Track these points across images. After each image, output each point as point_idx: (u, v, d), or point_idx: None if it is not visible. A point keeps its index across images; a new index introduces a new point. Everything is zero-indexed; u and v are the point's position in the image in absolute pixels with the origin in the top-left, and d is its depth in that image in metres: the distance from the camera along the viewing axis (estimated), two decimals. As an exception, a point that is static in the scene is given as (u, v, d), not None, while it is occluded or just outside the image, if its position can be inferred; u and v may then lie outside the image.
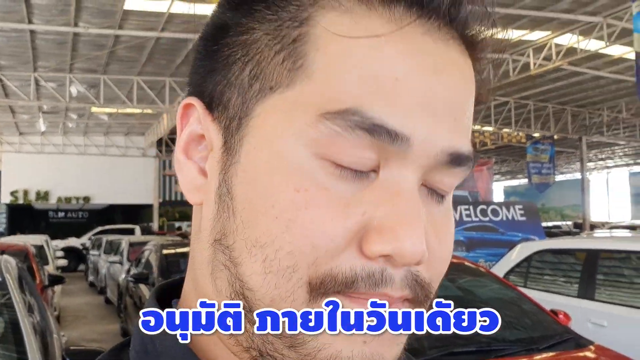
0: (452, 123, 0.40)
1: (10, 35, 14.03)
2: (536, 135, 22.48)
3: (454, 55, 0.41)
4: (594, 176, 38.24)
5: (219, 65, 0.42)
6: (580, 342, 3.40)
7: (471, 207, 7.38)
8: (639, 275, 4.98)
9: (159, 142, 29.60)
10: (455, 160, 0.40)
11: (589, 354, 3.26)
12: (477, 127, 22.93)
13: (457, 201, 7.74)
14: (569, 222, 26.67)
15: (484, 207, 7.44)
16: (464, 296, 3.64)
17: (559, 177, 35.37)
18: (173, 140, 29.76)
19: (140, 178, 30.49)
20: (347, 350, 0.38)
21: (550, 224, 27.21)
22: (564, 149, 29.19)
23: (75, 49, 15.18)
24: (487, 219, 7.31)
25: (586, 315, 4.84)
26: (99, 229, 24.64)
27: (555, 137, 23.15)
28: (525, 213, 7.51)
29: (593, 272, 5.02)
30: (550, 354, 3.15)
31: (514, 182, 41.71)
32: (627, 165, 35.15)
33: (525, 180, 26.46)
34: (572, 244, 5.74)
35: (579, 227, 21.92)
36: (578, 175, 23.91)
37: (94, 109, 21.50)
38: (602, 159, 34.17)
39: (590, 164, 34.95)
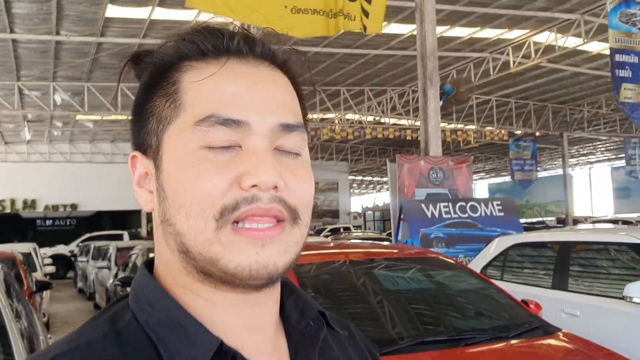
0: (275, 109, 0.66)
1: (-7, 44, 14.06)
2: (518, 132, 22.78)
3: (265, 72, 0.68)
4: (577, 172, 38.69)
5: (141, 124, 0.71)
6: (549, 330, 3.56)
7: (450, 204, 7.55)
8: (609, 265, 5.17)
9: (145, 148, 29.59)
10: (287, 127, 0.66)
11: (556, 340, 3.42)
12: (460, 125, 23.22)
13: (437, 199, 7.91)
14: (552, 218, 26.98)
15: (463, 204, 7.62)
16: (438, 288, 3.80)
17: (542, 174, 35.76)
18: (159, 146, 29.78)
19: (128, 184, 29.82)
20: (245, 262, 0.61)
21: (534, 220, 27.56)
22: (546, 145, 29.56)
23: (58, 57, 15.22)
24: (466, 215, 7.48)
25: (560, 306, 5.01)
26: (87, 235, 24.58)
27: (537, 133, 23.47)
28: (503, 209, 7.69)
29: (566, 263, 5.20)
30: (519, 340, 3.31)
31: (499, 180, 42.16)
32: (609, 160, 35.63)
33: (509, 178, 26.76)
34: (546, 237, 5.92)
35: (562, 223, 22.24)
36: (561, 171, 24.22)
37: (79, 117, 21.50)
38: (584, 155, 34.61)
39: (573, 160, 35.38)
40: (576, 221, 22.14)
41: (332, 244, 4.63)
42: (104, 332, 0.63)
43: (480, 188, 43.58)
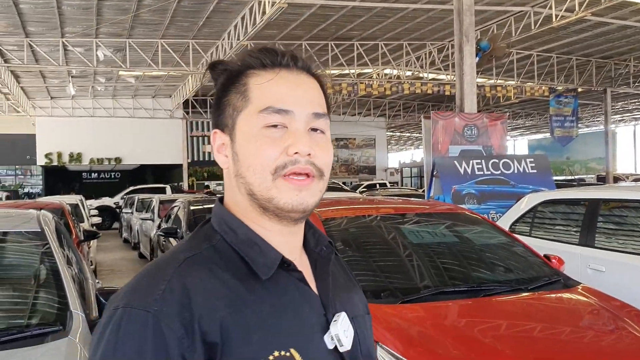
0: (309, 103, 1.00)
1: (37, 2, 14.42)
2: (559, 88, 22.28)
3: (304, 79, 1.03)
4: (621, 129, 37.65)
5: (220, 111, 1.03)
6: (568, 283, 3.71)
7: (483, 161, 7.64)
8: (636, 223, 5.24)
9: (186, 104, 30.11)
10: (317, 115, 1.00)
11: (574, 293, 3.57)
12: (500, 81, 22.82)
13: (470, 155, 7.99)
14: (593, 175, 26.53)
15: (496, 160, 7.69)
16: (463, 243, 3.97)
17: (584, 130, 34.95)
18: (199, 102, 30.19)
19: (169, 139, 31.10)
20: (289, 200, 0.95)
21: (575, 177, 27.17)
22: (589, 102, 28.81)
23: (100, 13, 15.52)
24: (498, 172, 7.57)
25: (586, 262, 5.13)
26: (131, 188, 25.33)
27: (580, 89, 22.90)
28: (536, 166, 7.74)
29: (593, 220, 5.29)
30: (537, 293, 3.47)
31: (539, 136, 41.39)
32: (656, 116, 34.58)
33: (550, 134, 26.29)
34: (575, 194, 5.99)
35: (602, 180, 21.90)
36: (603, 128, 23.68)
37: (121, 72, 21.92)
38: (629, 111, 33.61)
39: (617, 116, 34.40)
40: (617, 179, 21.76)
41: (361, 200, 4.82)
42: (207, 246, 0.97)
43: (521, 144, 42.93)
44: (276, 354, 0.89)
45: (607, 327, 3.16)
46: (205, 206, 9.07)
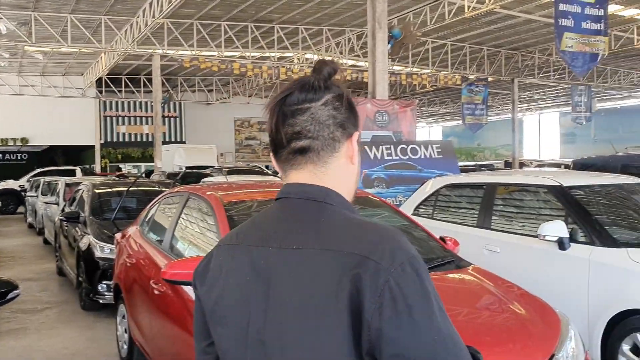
0: None
1: None
2: (471, 77, 23.14)
3: None
4: (527, 117, 39.62)
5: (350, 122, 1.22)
6: (460, 264, 3.90)
7: (392, 147, 7.85)
8: (529, 206, 5.57)
9: (99, 83, 28.93)
10: None
11: (464, 274, 3.76)
12: (416, 69, 23.40)
13: (381, 141, 8.19)
14: (501, 161, 27.82)
15: (404, 146, 7.92)
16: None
17: (494, 118, 36.51)
18: (113, 81, 29.09)
19: (80, 119, 29.83)
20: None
21: (485, 162, 28.39)
22: (498, 91, 30.10)
23: (2, -16, 14.62)
24: (406, 157, 7.81)
25: (483, 243, 5.40)
26: (38, 170, 24.13)
27: (490, 79, 23.87)
28: (442, 151, 8.05)
29: (490, 204, 5.57)
30: (430, 274, 3.62)
31: (453, 123, 42.86)
32: (558, 106, 36.56)
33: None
34: (474, 179, 6.29)
35: (509, 166, 23.00)
36: (511, 116, 24.82)
37: (28, 48, 20.75)
38: (534, 100, 35.40)
39: (524, 105, 36.17)
40: (522, 164, 22.91)
41: (268, 183, 4.83)
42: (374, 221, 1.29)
43: (435, 131, 44.28)
44: None
45: (491, 305, 3.35)
46: (113, 189, 8.77)
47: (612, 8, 14.18)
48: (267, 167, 30.72)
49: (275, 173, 25.39)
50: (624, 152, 10.67)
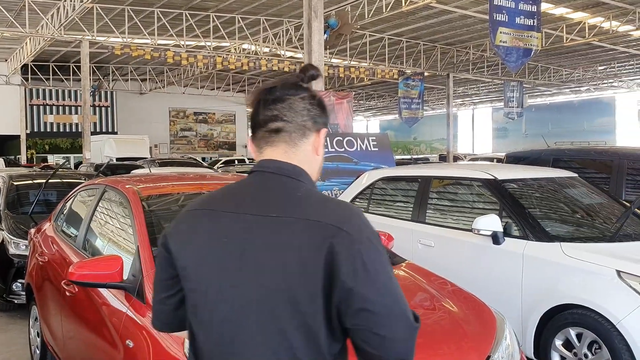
0: None
1: None
2: (408, 71, 23.32)
3: None
4: (462, 112, 40.51)
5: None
6: (394, 260, 3.74)
7: (327, 139, 7.66)
8: (463, 200, 5.50)
9: (25, 70, 27.52)
10: None
11: (397, 269, 3.61)
12: (354, 62, 23.37)
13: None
14: (436, 155, 28.28)
15: (340, 138, 7.76)
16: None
17: (430, 113, 37.12)
18: (40, 68, 27.70)
19: (4, 107, 28.35)
20: None
21: (420, 156, 28.81)
22: (434, 85, 30.56)
23: None
24: (342, 149, 7.65)
25: (417, 237, 5.30)
26: (-45, 162, 22.66)
27: (426, 73, 24.13)
28: (377, 144, 7.93)
29: (425, 197, 5.47)
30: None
31: (390, 117, 43.30)
32: (491, 101, 37.54)
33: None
34: (409, 172, 6.18)
35: (443, 159, 23.36)
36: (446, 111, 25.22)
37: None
38: (469, 96, 36.20)
39: (459, 100, 36.93)
40: (457, 158, 23.32)
41: (192, 176, 4.53)
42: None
43: (373, 125, 44.63)
44: None
45: (424, 303, 3.20)
46: (33, 181, 8.21)
47: (543, 6, 14.51)
48: (203, 159, 30.11)
49: (211, 166, 24.90)
50: (553, 147, 10.92)
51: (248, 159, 31.50)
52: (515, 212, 4.64)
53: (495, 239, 4.49)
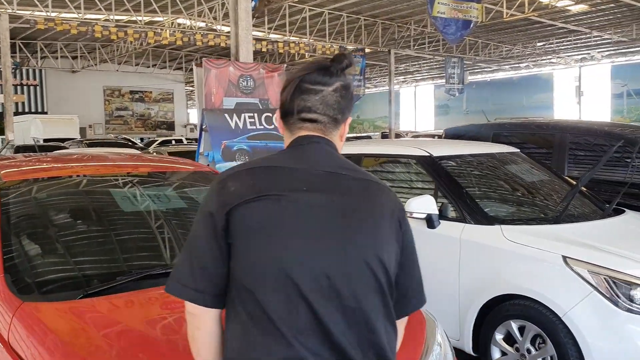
0: None
1: None
2: (349, 47, 22.83)
3: None
4: (404, 89, 40.43)
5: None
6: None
7: (256, 115, 7.07)
8: (398, 179, 5.05)
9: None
10: None
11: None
12: (293, 38, 22.67)
13: (243, 108, 7.39)
14: (378, 133, 28.05)
15: (269, 114, 7.18)
16: (189, 209, 3.25)
17: (372, 90, 36.88)
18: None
19: None
20: None
21: (363, 134, 28.48)
22: (376, 62, 30.22)
23: None
24: (272, 126, 7.07)
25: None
26: None
27: (367, 50, 23.71)
28: (311, 121, 7.38)
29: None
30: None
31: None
32: (433, 78, 37.55)
33: (341, 92, 27.01)
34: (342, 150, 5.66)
35: (385, 137, 23.08)
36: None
37: None
38: (411, 73, 36.09)
39: (400, 78, 36.81)
40: (398, 135, 23.10)
41: (76, 157, 3.87)
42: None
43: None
44: None
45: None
46: None
47: (483, -21, 14.20)
48: (141, 139, 28.86)
49: (145, 147, 23.88)
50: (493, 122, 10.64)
51: (186, 139, 30.47)
52: (452, 192, 4.21)
53: (430, 222, 4.05)
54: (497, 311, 3.67)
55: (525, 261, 3.58)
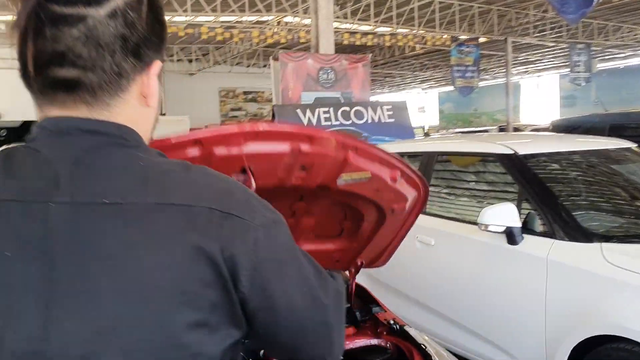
0: None
1: None
2: (462, 37, 21.54)
3: None
4: (525, 80, 37.86)
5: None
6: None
7: (331, 110, 6.44)
8: (474, 181, 4.21)
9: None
10: None
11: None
12: (403, 30, 21.75)
13: (324, 103, 6.79)
14: (495, 127, 26.45)
15: (347, 109, 6.51)
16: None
17: (490, 82, 34.93)
18: None
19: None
20: None
21: (481, 128, 27.01)
22: (493, 52, 28.41)
23: None
24: (349, 122, 6.41)
25: (415, 232, 4.08)
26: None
27: (482, 39, 22.28)
28: (394, 114, 6.61)
29: (427, 179, 4.22)
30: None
31: (448, 88, 41.06)
32: (557, 67, 34.76)
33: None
34: (411, 147, 4.84)
35: (503, 131, 21.57)
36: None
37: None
38: (533, 62, 33.66)
39: (521, 68, 34.46)
40: (517, 129, 21.55)
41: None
42: None
43: (431, 97, 42.65)
44: None
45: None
46: None
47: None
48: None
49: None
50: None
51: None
52: (541, 199, 3.34)
53: (510, 236, 3.22)
54: (594, 355, 2.80)
55: (632, 292, 2.68)
